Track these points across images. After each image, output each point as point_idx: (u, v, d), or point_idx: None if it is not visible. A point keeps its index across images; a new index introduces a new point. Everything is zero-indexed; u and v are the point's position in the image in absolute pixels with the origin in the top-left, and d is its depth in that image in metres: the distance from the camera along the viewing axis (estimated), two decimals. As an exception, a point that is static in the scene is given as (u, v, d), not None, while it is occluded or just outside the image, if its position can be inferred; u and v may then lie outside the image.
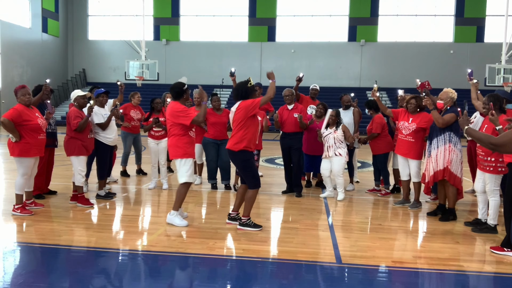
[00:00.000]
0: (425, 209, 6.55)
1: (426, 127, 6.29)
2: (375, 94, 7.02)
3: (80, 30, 30.84)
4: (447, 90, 6.01)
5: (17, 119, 5.54)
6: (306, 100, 8.18)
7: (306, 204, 6.82)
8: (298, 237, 5.08)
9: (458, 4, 28.11)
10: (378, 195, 7.42)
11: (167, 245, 4.72)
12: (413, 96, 6.53)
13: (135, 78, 23.40)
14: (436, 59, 28.06)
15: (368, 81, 28.25)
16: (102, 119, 6.54)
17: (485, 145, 3.93)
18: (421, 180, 6.35)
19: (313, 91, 8.37)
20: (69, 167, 7.19)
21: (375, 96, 7.05)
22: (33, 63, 27.27)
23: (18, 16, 25.95)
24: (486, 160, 5.24)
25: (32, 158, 5.73)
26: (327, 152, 7.05)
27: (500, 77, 22.06)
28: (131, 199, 6.99)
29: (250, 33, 29.65)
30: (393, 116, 6.85)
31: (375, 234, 5.28)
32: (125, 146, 8.57)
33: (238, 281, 3.93)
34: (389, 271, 4.18)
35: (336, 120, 7.08)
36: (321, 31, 29.13)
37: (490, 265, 4.38)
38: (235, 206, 5.54)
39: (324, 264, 4.29)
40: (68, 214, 5.88)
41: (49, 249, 4.62)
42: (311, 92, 8.37)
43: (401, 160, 6.59)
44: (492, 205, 5.28)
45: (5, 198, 6.82)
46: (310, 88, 8.42)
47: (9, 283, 3.72)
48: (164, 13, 29.98)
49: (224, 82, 27.09)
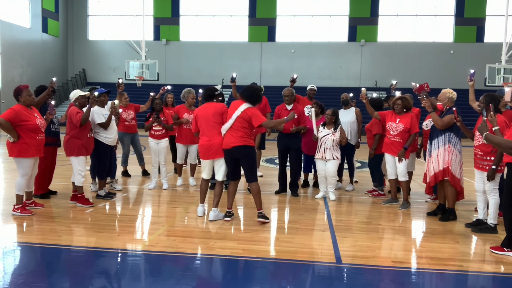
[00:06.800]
0: (425, 209, 6.55)
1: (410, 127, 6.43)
2: (363, 97, 6.97)
3: (80, 30, 30.85)
4: (445, 91, 6.02)
5: (15, 119, 5.54)
6: (303, 100, 8.17)
7: (306, 204, 6.82)
8: (298, 237, 5.08)
9: (458, 4, 28.11)
10: (369, 196, 7.39)
11: (167, 245, 4.72)
12: (399, 97, 6.56)
13: (135, 78, 23.40)
14: (436, 59, 28.07)
15: (368, 81, 28.27)
16: (103, 119, 6.55)
17: (505, 150, 3.94)
18: (422, 181, 6.36)
19: (311, 91, 8.35)
20: (69, 167, 7.20)
21: (363, 100, 6.97)
22: (33, 63, 27.27)
23: (18, 16, 25.95)
24: (486, 160, 5.26)
25: (31, 159, 5.72)
26: (323, 153, 7.03)
27: (500, 77, 22.07)
28: (131, 199, 6.99)
29: (250, 33, 29.65)
30: (381, 119, 6.85)
31: (375, 234, 5.28)
32: (124, 147, 8.57)
33: (238, 281, 3.93)
34: (389, 271, 4.18)
35: (333, 120, 7.05)
36: (321, 31, 29.14)
37: (490, 265, 4.38)
38: (229, 204, 5.77)
39: (324, 264, 4.30)
40: (68, 214, 5.88)
41: (49, 249, 4.62)
42: (310, 92, 8.34)
43: (389, 159, 6.63)
44: (492, 204, 5.29)
45: (5, 198, 6.82)
46: (308, 89, 8.40)
47: (9, 283, 3.72)
48: (164, 13, 29.99)
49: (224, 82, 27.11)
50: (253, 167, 5.62)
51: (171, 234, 5.10)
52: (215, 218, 5.69)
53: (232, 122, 5.50)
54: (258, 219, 5.61)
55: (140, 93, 23.20)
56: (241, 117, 5.47)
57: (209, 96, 5.88)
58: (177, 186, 7.95)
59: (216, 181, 5.84)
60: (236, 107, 5.54)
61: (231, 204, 5.77)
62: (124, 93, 8.36)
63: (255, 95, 5.57)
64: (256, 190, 5.63)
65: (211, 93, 5.87)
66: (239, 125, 5.48)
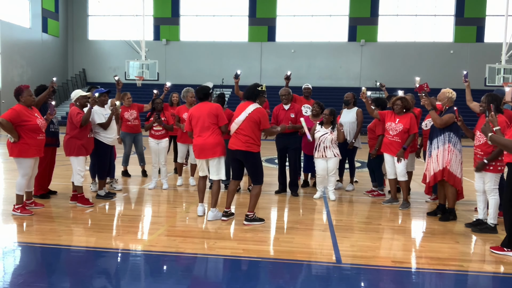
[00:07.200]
0: (425, 209, 6.55)
1: (409, 128, 6.44)
2: (363, 96, 6.96)
3: (80, 30, 30.84)
4: (445, 90, 6.03)
5: (16, 119, 5.54)
6: (300, 99, 8.16)
7: (306, 204, 6.82)
8: (298, 237, 5.08)
9: (458, 4, 28.11)
10: (369, 196, 7.39)
11: (167, 245, 4.72)
12: (399, 97, 6.57)
13: (135, 78, 23.41)
14: (436, 59, 28.06)
15: (368, 81, 28.26)
16: (103, 119, 6.55)
17: (510, 150, 3.93)
18: (422, 181, 6.36)
19: (306, 90, 8.33)
20: (69, 167, 7.20)
21: (364, 99, 6.97)
22: (33, 63, 27.27)
23: (18, 16, 25.94)
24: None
25: (32, 159, 5.72)
26: (323, 152, 7.03)
27: (500, 77, 22.06)
28: (131, 199, 6.99)
29: (250, 33, 29.65)
30: (380, 118, 6.85)
31: (375, 234, 5.28)
32: (125, 146, 8.57)
33: (238, 281, 3.93)
34: (389, 271, 4.18)
35: (330, 119, 7.06)
36: (321, 31, 29.12)
37: (490, 265, 4.38)
38: (227, 203, 5.76)
39: (324, 264, 4.30)
40: (68, 214, 5.88)
41: (49, 249, 4.62)
42: (305, 91, 8.32)
43: (388, 159, 6.63)
44: (492, 204, 5.29)
45: (5, 198, 6.82)
46: (303, 88, 8.39)
47: (9, 283, 3.72)
48: (164, 13, 29.98)
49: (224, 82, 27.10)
50: (256, 171, 5.59)
51: (171, 234, 5.10)
52: (214, 218, 5.69)
53: (239, 124, 5.49)
54: (244, 222, 5.56)
55: (140, 93, 23.19)
56: (250, 118, 5.44)
57: (204, 95, 5.82)
58: (177, 186, 7.95)
59: (212, 180, 5.84)
60: (243, 109, 5.52)
61: (229, 203, 5.75)
62: (127, 93, 8.39)
63: (251, 90, 5.59)
64: (255, 193, 5.59)
65: (206, 92, 5.82)
66: (247, 127, 5.45)
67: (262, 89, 5.59)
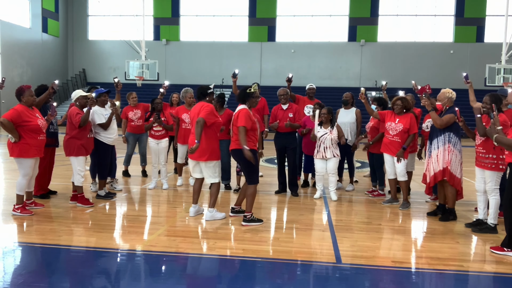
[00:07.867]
0: (425, 209, 6.55)
1: (409, 128, 6.44)
2: (362, 97, 6.96)
3: (80, 30, 30.85)
4: (445, 90, 6.03)
5: (17, 119, 5.54)
6: (303, 100, 8.16)
7: (306, 204, 6.82)
8: (298, 237, 5.09)
9: (458, 4, 28.12)
10: (369, 196, 7.39)
11: (167, 245, 4.72)
12: (399, 97, 6.58)
13: (135, 78, 23.42)
14: (436, 59, 28.07)
15: (368, 81, 28.28)
16: (103, 119, 6.55)
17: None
18: (422, 181, 6.36)
19: (311, 90, 8.32)
20: (69, 167, 7.20)
21: (362, 99, 6.96)
22: (33, 63, 27.27)
23: (18, 16, 25.95)
24: (488, 158, 5.24)
25: (32, 159, 5.72)
26: (323, 153, 7.03)
27: (500, 77, 22.07)
28: (131, 199, 6.99)
29: (250, 33, 29.66)
30: (380, 118, 6.85)
31: (375, 234, 5.28)
32: (128, 146, 8.56)
33: (238, 281, 3.93)
34: (389, 271, 4.18)
35: (329, 118, 7.06)
36: (321, 31, 29.14)
37: (490, 265, 4.38)
38: (238, 201, 5.90)
39: (324, 264, 4.30)
40: (68, 214, 5.88)
41: (49, 249, 4.62)
42: (309, 91, 8.32)
43: (388, 159, 6.64)
44: (492, 204, 5.28)
45: (5, 198, 6.82)
46: (307, 88, 8.38)
47: (9, 283, 3.72)
48: (164, 13, 29.99)
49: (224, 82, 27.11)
50: (248, 170, 5.57)
51: (171, 234, 5.10)
52: (211, 218, 5.68)
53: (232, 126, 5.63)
54: (241, 223, 5.55)
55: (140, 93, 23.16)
56: (234, 119, 5.57)
57: (202, 94, 5.81)
58: (177, 186, 7.95)
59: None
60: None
61: (240, 201, 5.92)
62: (132, 93, 8.41)
63: (240, 93, 5.65)
64: (249, 193, 5.58)
65: (204, 91, 5.81)
66: (235, 128, 5.57)
67: (250, 91, 5.58)
